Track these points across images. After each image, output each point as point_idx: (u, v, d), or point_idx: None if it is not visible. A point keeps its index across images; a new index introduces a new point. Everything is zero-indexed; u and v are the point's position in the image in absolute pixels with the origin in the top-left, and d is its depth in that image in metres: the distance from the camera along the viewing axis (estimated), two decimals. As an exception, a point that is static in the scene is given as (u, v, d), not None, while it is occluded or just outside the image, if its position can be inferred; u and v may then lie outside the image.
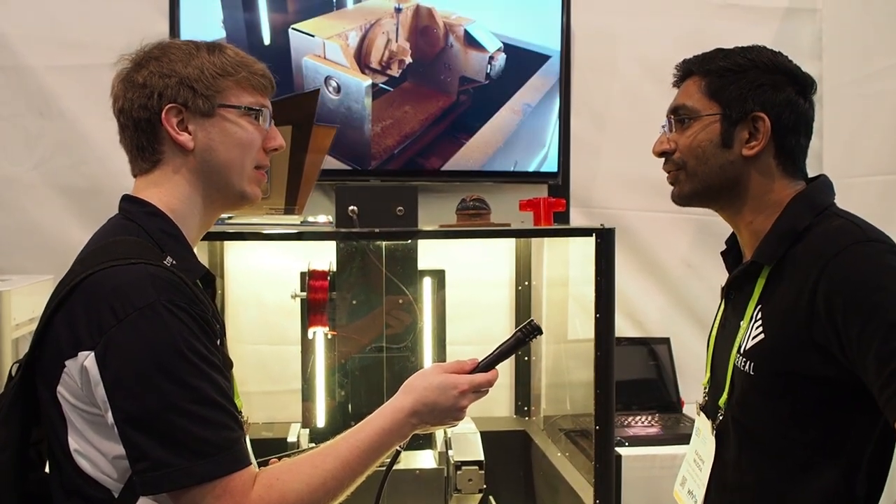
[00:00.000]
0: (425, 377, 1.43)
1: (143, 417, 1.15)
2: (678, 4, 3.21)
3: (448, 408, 1.40)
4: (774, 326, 1.40)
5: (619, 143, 3.18)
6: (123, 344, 1.16)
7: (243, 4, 2.84)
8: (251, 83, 1.38)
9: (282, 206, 2.32)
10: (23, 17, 2.89)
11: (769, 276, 1.44)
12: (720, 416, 1.50)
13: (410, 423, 1.38)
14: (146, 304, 1.17)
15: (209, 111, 1.34)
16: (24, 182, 2.92)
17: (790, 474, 1.40)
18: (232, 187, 1.38)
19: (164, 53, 1.35)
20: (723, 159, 1.47)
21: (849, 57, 3.22)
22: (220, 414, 1.19)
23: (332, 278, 2.50)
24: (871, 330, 1.25)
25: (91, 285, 1.20)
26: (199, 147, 1.34)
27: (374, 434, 1.33)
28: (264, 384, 2.98)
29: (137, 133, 1.35)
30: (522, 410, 3.13)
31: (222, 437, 1.18)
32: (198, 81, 1.33)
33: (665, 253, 3.24)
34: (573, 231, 2.83)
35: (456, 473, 2.34)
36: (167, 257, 1.27)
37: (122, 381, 1.16)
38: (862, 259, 1.31)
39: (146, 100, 1.33)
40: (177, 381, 1.16)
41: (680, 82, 1.55)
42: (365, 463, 1.31)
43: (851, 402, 1.34)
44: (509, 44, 2.99)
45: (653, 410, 3.00)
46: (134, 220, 1.32)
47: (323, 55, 2.89)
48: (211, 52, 1.36)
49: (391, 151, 2.96)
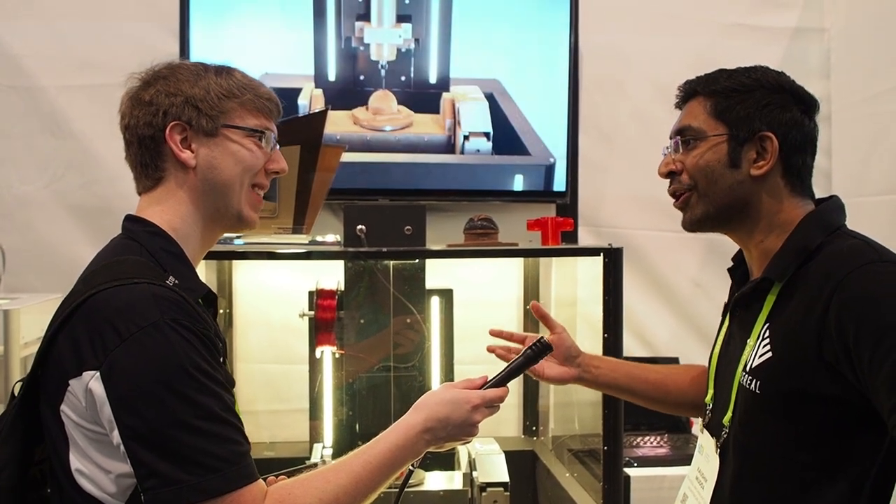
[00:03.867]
0: (436, 394, 1.43)
1: (150, 435, 1.15)
2: (686, 24, 3.22)
3: (461, 423, 1.40)
4: (783, 345, 1.39)
5: (628, 162, 3.19)
6: (128, 362, 1.16)
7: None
8: (256, 106, 1.40)
9: (290, 226, 2.33)
10: (36, 38, 2.92)
11: (779, 295, 1.43)
12: (724, 434, 1.49)
13: (424, 440, 1.37)
14: (150, 323, 1.17)
15: (212, 131, 1.35)
16: (36, 201, 2.94)
17: (793, 495, 1.38)
18: (230, 208, 1.39)
19: (173, 73, 1.37)
20: (732, 179, 1.47)
21: (857, 76, 3.22)
22: (227, 429, 1.19)
23: (339, 297, 2.50)
24: (883, 351, 1.24)
25: (94, 305, 1.20)
26: (200, 165, 1.35)
27: (386, 450, 1.33)
28: (272, 403, 2.97)
29: (142, 150, 1.36)
30: (531, 430, 3.12)
31: (230, 451, 1.18)
32: (203, 101, 1.35)
33: (673, 272, 3.24)
34: (581, 251, 2.83)
35: (481, 495, 2.32)
36: (169, 276, 1.28)
37: (128, 400, 1.16)
38: (874, 279, 1.31)
39: (151, 117, 1.34)
40: (182, 397, 1.16)
41: (683, 103, 1.55)
42: (377, 479, 1.31)
43: (857, 423, 1.33)
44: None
45: (662, 431, 2.98)
46: (136, 240, 1.33)
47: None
48: (218, 74, 1.38)
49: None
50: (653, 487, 2.61)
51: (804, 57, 3.24)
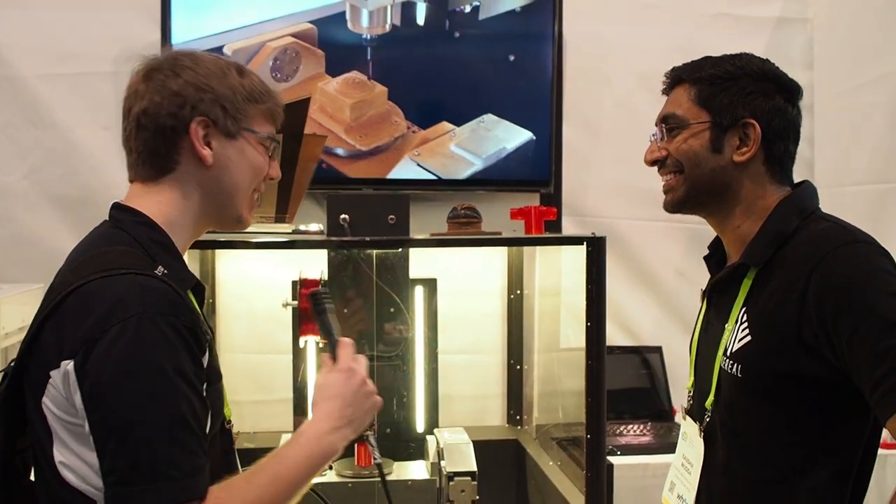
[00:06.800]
0: (321, 390, 1.41)
1: (114, 430, 1.14)
2: (670, 14, 3.22)
3: (359, 400, 1.39)
4: (762, 328, 1.40)
5: (611, 151, 3.19)
6: (102, 354, 1.15)
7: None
8: (272, 114, 1.41)
9: (272, 215, 2.32)
10: (14, 27, 2.89)
11: (755, 279, 1.45)
12: (707, 418, 1.51)
13: (329, 424, 1.35)
14: (131, 317, 1.16)
15: (234, 133, 1.36)
16: (16, 191, 2.91)
17: (780, 476, 1.40)
18: (233, 209, 1.40)
19: (198, 65, 1.35)
20: (714, 164, 1.48)
21: (840, 67, 3.23)
22: (190, 438, 1.17)
23: (323, 287, 2.49)
24: (862, 331, 1.26)
25: (81, 296, 1.20)
26: (216, 165, 1.35)
27: (298, 446, 1.32)
28: (255, 393, 2.97)
29: (157, 138, 1.33)
30: (514, 419, 3.13)
31: (190, 462, 1.16)
32: (230, 102, 1.34)
33: (657, 261, 3.25)
34: (564, 239, 2.83)
35: (448, 484, 2.34)
36: (158, 267, 1.26)
37: (98, 392, 1.15)
38: (851, 260, 1.33)
39: (178, 108, 1.32)
40: (152, 396, 1.15)
41: (669, 90, 1.57)
42: (298, 475, 1.28)
43: (841, 404, 1.35)
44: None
45: (645, 419, 3.00)
46: (125, 230, 1.31)
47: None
48: (240, 74, 1.38)
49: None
50: (636, 476, 2.62)
51: (787, 47, 3.25)
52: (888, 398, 1.23)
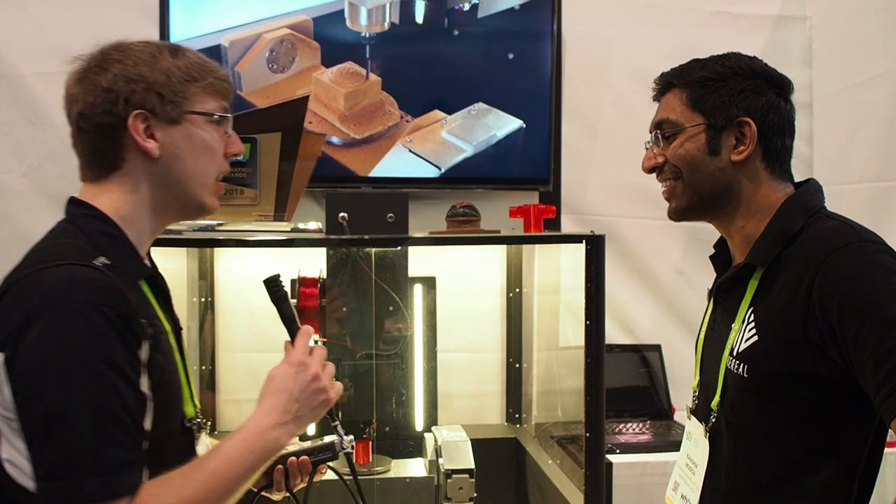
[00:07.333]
0: (269, 384, 1.40)
1: (39, 422, 1.12)
2: (669, 13, 3.22)
3: (307, 395, 1.37)
4: (768, 327, 1.40)
5: (610, 150, 3.19)
6: (29, 346, 1.13)
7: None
8: (216, 89, 1.37)
9: (271, 213, 2.31)
10: (12, 25, 2.88)
11: (762, 278, 1.45)
12: (712, 418, 1.50)
13: (273, 419, 1.33)
14: (61, 307, 1.14)
15: (176, 118, 1.32)
16: (14, 190, 2.91)
17: (786, 476, 1.40)
18: (193, 198, 1.36)
19: (127, 55, 1.32)
20: (713, 167, 1.48)
21: (839, 65, 3.23)
22: (120, 431, 1.14)
23: (322, 285, 2.49)
24: (866, 329, 1.26)
25: (17, 289, 1.18)
26: (164, 155, 1.32)
27: (240, 441, 1.29)
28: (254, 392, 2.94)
29: (98, 138, 1.31)
30: (514, 418, 3.13)
31: (117, 456, 1.13)
32: (165, 87, 1.31)
33: (656, 260, 3.25)
34: (563, 238, 2.83)
35: (446, 482, 2.34)
36: (100, 258, 1.23)
37: (23, 383, 1.13)
38: (856, 259, 1.33)
39: (111, 105, 1.30)
40: (78, 387, 1.12)
41: (660, 95, 1.57)
42: (238, 471, 1.26)
43: (846, 403, 1.35)
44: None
45: (644, 417, 3.00)
46: (74, 223, 1.31)
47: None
48: (173, 55, 1.34)
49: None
50: (635, 474, 2.62)
51: (786, 45, 3.25)
52: (892, 398, 1.23)
